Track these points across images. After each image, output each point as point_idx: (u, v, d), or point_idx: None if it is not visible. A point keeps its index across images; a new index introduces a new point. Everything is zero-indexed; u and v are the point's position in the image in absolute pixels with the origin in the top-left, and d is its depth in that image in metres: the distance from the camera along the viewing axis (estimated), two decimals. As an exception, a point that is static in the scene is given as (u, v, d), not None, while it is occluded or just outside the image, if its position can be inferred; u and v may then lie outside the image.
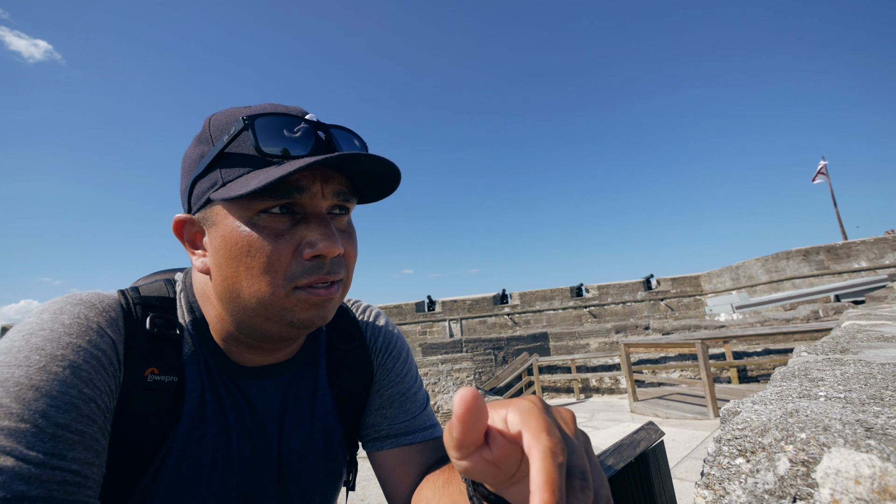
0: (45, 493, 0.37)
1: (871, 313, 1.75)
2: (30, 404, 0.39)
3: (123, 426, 0.48)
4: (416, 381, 0.74)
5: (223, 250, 0.50)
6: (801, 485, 0.39)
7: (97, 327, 0.48)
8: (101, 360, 0.46)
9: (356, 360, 0.70)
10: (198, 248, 0.54)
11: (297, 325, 0.51)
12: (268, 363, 0.61)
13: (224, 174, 0.49)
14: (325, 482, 0.64)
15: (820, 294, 13.73)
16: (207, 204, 0.51)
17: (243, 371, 0.58)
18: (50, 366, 0.42)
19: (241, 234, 0.48)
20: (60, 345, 0.44)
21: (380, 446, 0.68)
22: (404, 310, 24.32)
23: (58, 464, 0.39)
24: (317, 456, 0.63)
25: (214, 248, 0.51)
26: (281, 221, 0.49)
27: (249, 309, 0.51)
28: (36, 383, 0.40)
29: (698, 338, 6.45)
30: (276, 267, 0.48)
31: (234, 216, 0.49)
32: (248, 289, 0.49)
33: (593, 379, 9.42)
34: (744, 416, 0.52)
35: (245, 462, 0.57)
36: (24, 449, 0.37)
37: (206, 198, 0.51)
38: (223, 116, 0.52)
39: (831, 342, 1.06)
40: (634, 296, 23.36)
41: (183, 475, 0.51)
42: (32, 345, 0.43)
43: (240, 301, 0.51)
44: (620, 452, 1.04)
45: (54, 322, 0.46)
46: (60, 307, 0.48)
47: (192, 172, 0.53)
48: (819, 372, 0.74)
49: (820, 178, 24.67)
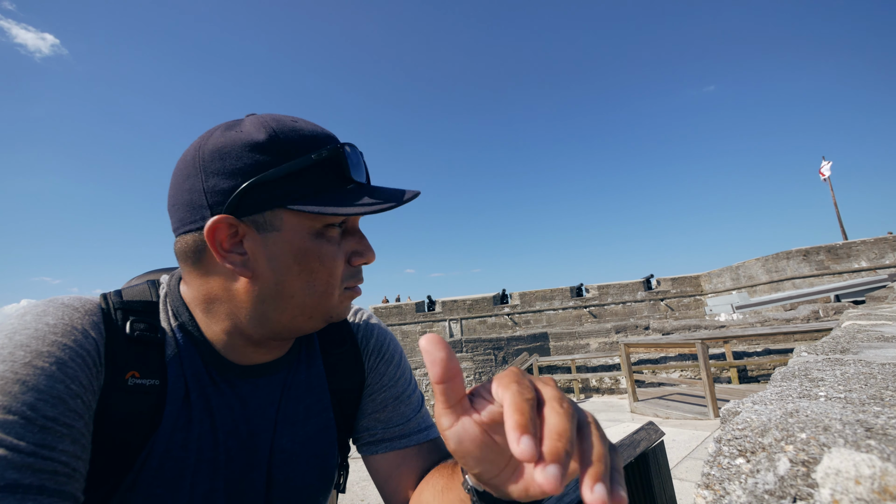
0: (38, 481, 0.38)
1: (871, 313, 1.75)
2: (17, 397, 0.39)
3: (105, 427, 0.48)
4: (411, 384, 0.74)
5: (288, 255, 0.53)
6: (802, 485, 0.39)
7: (81, 328, 0.48)
8: (86, 359, 0.47)
9: (347, 363, 0.70)
10: (230, 251, 0.52)
11: (335, 320, 0.59)
12: (265, 360, 0.61)
13: (301, 187, 0.52)
14: (316, 482, 0.64)
15: (820, 294, 13.73)
16: (265, 209, 0.52)
17: (237, 369, 0.58)
18: (35, 361, 0.42)
19: (312, 243, 0.54)
20: (46, 342, 0.44)
21: (375, 450, 0.68)
22: (404, 310, 24.31)
23: (48, 454, 0.39)
24: (309, 454, 0.63)
25: (272, 252, 0.52)
26: (336, 233, 0.56)
27: (297, 308, 0.55)
28: (22, 377, 0.41)
29: (698, 338, 6.45)
30: (336, 273, 0.56)
31: (304, 225, 0.53)
32: (306, 291, 0.54)
33: (593, 379, 9.42)
34: (744, 416, 0.52)
35: (233, 462, 0.56)
36: (14, 439, 0.38)
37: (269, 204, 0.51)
38: (289, 131, 0.53)
39: (831, 342, 1.06)
40: (634, 296, 23.35)
41: (166, 477, 0.51)
42: (16, 342, 0.43)
43: (291, 301, 0.54)
44: (620, 452, 1.04)
45: (38, 322, 0.46)
46: (43, 309, 0.48)
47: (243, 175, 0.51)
48: (819, 372, 0.73)
49: (826, 170, 24.52)
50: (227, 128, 0.54)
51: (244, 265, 0.53)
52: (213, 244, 0.51)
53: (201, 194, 0.52)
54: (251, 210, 0.51)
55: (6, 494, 0.36)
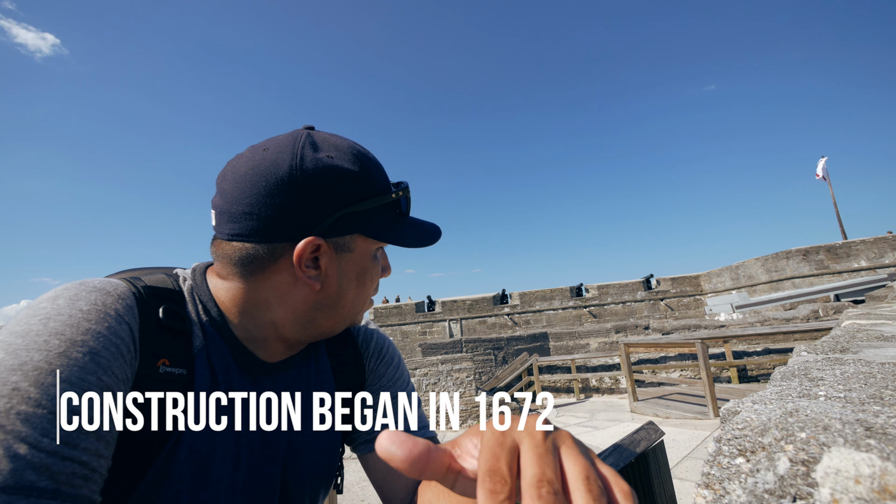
0: (54, 485, 0.37)
1: (870, 313, 1.75)
2: (48, 389, 0.39)
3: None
4: (408, 385, 0.76)
5: (354, 272, 0.60)
6: (801, 484, 0.39)
7: (115, 314, 0.47)
8: (120, 347, 0.46)
9: (348, 365, 0.71)
10: (308, 266, 0.56)
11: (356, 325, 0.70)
12: (286, 357, 0.63)
13: (377, 216, 0.60)
14: (321, 477, 0.65)
15: (820, 294, 13.73)
16: (347, 234, 0.58)
17: (263, 366, 0.60)
18: (70, 351, 0.41)
19: (371, 264, 0.62)
20: (80, 330, 0.43)
21: (371, 448, 0.68)
22: (404, 310, 24.30)
23: (69, 453, 0.39)
24: (316, 447, 0.64)
25: (342, 269, 0.59)
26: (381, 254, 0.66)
27: (342, 316, 0.62)
28: (55, 368, 0.40)
29: (698, 337, 6.45)
30: (374, 287, 0.65)
31: (368, 248, 0.61)
32: (355, 302, 0.62)
33: (593, 379, 9.41)
34: (744, 415, 0.52)
35: (253, 456, 0.57)
36: (39, 435, 0.37)
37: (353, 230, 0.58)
38: (372, 166, 0.60)
39: (831, 342, 1.06)
40: (634, 296, 23.35)
41: (193, 469, 0.51)
42: (51, 329, 0.42)
43: (342, 311, 0.61)
44: (620, 452, 1.04)
45: (71, 308, 0.45)
46: (76, 293, 0.47)
47: (340, 204, 0.56)
48: (819, 371, 0.74)
49: (823, 171, 24.53)
50: (312, 148, 0.56)
51: (316, 278, 0.57)
52: (298, 260, 0.55)
53: (291, 214, 0.54)
54: (337, 233, 0.57)
55: (20, 497, 0.35)
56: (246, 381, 0.58)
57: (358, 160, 0.58)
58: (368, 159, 0.60)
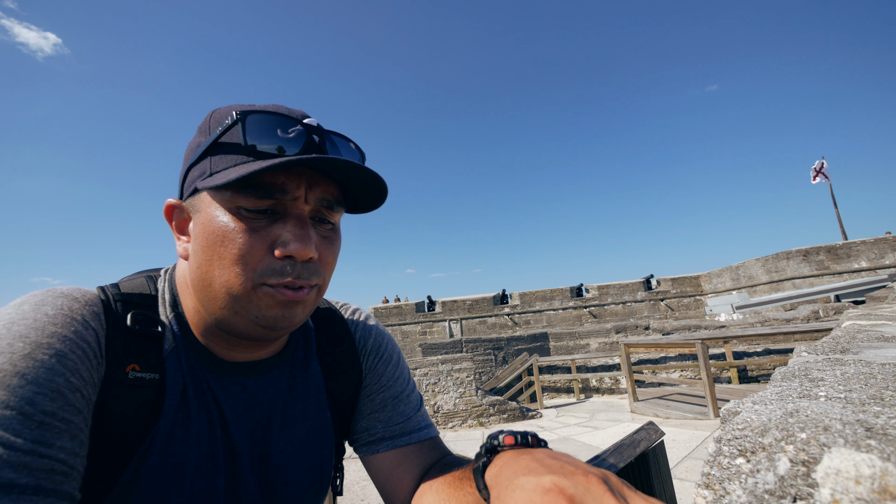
0: (34, 481, 0.37)
1: (871, 313, 1.75)
2: (15, 391, 0.38)
3: (103, 421, 0.47)
4: (409, 384, 0.74)
5: (202, 237, 0.51)
6: (802, 485, 0.39)
7: (82, 319, 0.47)
8: (87, 351, 0.46)
9: (345, 363, 0.69)
10: (183, 234, 0.55)
11: (262, 323, 0.51)
12: (250, 360, 0.60)
13: (213, 164, 0.50)
14: (314, 484, 0.63)
15: (820, 294, 13.72)
16: (196, 192, 0.52)
17: (226, 367, 0.58)
18: (35, 353, 0.41)
19: (220, 223, 0.49)
20: (45, 334, 0.43)
21: (375, 449, 0.67)
22: (404, 310, 24.29)
23: (45, 452, 0.38)
24: (307, 456, 0.62)
25: (195, 234, 0.52)
26: (260, 218, 0.50)
27: (219, 299, 0.51)
28: (21, 370, 0.39)
29: (698, 338, 6.44)
30: (247, 260, 0.49)
31: (217, 206, 0.50)
32: (218, 278, 0.50)
33: (593, 379, 9.42)
34: (744, 416, 0.52)
35: (231, 460, 0.56)
36: (11, 436, 0.37)
37: (194, 186, 0.52)
38: (225, 110, 0.53)
39: (831, 342, 1.06)
40: (634, 296, 23.34)
41: (167, 472, 0.50)
42: (15, 333, 0.42)
43: (211, 290, 0.51)
44: (620, 452, 1.04)
45: (37, 312, 0.45)
46: (41, 299, 0.47)
47: (188, 160, 0.54)
48: (819, 372, 0.73)
49: (820, 177, 24.59)
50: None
51: (185, 249, 0.54)
52: (172, 228, 0.55)
53: (179, 181, 0.55)
54: (189, 193, 0.53)
55: (2, 495, 0.35)
56: (214, 383, 0.56)
57: (219, 113, 0.53)
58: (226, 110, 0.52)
